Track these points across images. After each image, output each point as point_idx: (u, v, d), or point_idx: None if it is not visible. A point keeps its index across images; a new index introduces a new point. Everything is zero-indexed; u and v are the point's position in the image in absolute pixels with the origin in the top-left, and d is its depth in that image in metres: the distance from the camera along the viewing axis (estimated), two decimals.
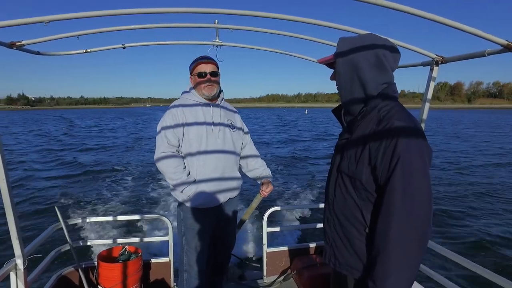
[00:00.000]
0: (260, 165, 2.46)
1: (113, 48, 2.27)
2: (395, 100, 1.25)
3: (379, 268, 1.11)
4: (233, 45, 2.44)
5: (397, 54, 1.26)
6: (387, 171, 1.11)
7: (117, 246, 2.79)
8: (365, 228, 1.23)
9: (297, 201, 7.87)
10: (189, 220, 2.23)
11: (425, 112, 2.20)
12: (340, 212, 1.31)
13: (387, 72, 1.24)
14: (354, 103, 1.27)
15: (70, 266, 2.66)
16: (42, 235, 2.24)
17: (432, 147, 1.16)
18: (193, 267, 2.28)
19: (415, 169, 1.08)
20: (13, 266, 1.79)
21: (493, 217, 7.10)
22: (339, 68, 1.28)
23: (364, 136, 1.21)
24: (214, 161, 2.21)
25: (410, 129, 1.12)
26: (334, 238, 1.35)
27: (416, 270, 1.12)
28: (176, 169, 2.14)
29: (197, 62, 2.22)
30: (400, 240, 1.07)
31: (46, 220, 6.68)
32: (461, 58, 1.85)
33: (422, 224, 1.08)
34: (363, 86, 1.23)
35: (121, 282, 2.48)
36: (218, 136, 2.23)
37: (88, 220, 2.88)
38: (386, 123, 1.14)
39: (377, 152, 1.13)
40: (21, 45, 1.65)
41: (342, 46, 1.27)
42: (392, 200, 1.09)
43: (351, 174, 1.23)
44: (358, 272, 1.27)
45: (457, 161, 13.73)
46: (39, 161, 14.08)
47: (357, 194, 1.23)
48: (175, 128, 2.16)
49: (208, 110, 2.24)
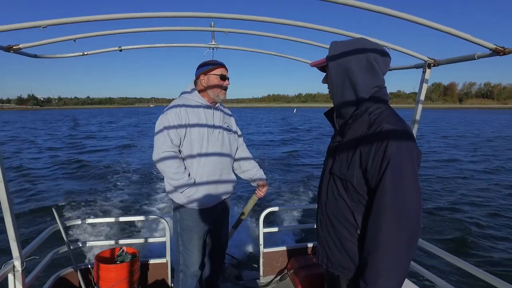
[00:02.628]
0: (253, 166, 2.49)
1: (109, 50, 2.29)
2: (385, 103, 1.27)
3: (370, 268, 1.14)
4: (229, 47, 2.47)
5: (388, 58, 1.29)
6: (377, 173, 1.14)
7: (115, 247, 2.80)
8: (357, 229, 1.25)
9: (293, 201, 7.89)
10: (186, 221, 2.26)
11: (418, 113, 2.24)
12: (332, 214, 1.34)
13: (378, 75, 1.27)
14: (346, 106, 1.29)
15: (67, 267, 2.67)
16: (39, 237, 2.25)
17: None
18: (189, 268, 2.30)
19: (405, 171, 1.11)
20: (11, 268, 1.80)
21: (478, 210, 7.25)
22: (331, 72, 1.30)
23: (355, 139, 1.23)
24: (213, 163, 2.23)
25: (400, 133, 1.15)
26: (327, 239, 1.38)
27: (406, 269, 1.14)
28: (178, 170, 2.14)
29: (218, 65, 2.22)
30: (390, 241, 1.10)
31: (43, 221, 6.66)
32: (452, 61, 1.89)
33: (411, 225, 1.11)
34: (355, 89, 1.26)
35: (118, 283, 2.49)
36: (218, 139, 2.25)
37: (86, 221, 2.88)
38: (376, 126, 1.17)
39: (368, 155, 1.16)
40: (18, 48, 1.66)
41: (334, 50, 1.29)
42: (382, 202, 1.12)
43: (342, 176, 1.26)
44: (350, 272, 1.30)
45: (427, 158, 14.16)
46: (39, 161, 14.01)
47: (348, 196, 1.26)
48: (178, 127, 2.15)
49: (209, 113, 2.25)
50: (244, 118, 51.30)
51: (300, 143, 19.84)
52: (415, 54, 1.99)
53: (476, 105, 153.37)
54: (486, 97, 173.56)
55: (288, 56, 2.59)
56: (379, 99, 1.26)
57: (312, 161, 13.82)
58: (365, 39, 1.31)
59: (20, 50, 1.69)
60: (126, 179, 10.30)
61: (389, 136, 1.13)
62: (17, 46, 1.65)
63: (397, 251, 1.10)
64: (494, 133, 26.52)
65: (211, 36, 2.36)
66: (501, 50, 1.43)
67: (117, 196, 8.44)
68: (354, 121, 1.27)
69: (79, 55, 2.21)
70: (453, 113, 76.10)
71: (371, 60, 1.24)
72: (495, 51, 1.44)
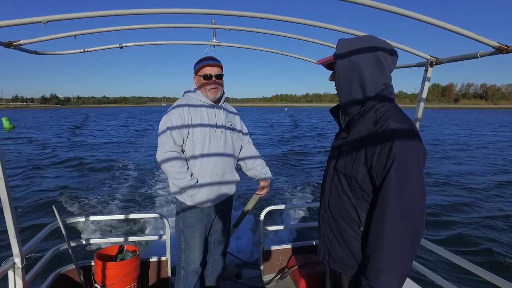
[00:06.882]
0: (259, 164, 2.49)
1: (110, 47, 2.28)
2: (391, 101, 1.27)
3: (373, 265, 1.14)
4: (230, 45, 2.46)
5: (395, 56, 1.29)
6: (382, 171, 1.13)
7: (115, 245, 2.80)
8: (360, 226, 1.25)
9: (294, 200, 7.89)
10: (188, 218, 2.26)
11: (419, 111, 2.23)
12: (335, 210, 1.33)
13: (386, 73, 1.26)
14: (353, 103, 1.29)
15: (68, 264, 2.67)
16: (40, 234, 2.25)
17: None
18: (190, 264, 2.31)
19: (410, 169, 1.10)
20: (11, 265, 1.80)
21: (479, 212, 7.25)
22: (338, 69, 1.29)
23: (361, 136, 1.23)
24: (216, 162, 2.23)
25: (406, 131, 1.15)
26: (329, 236, 1.38)
27: (409, 267, 1.14)
28: (180, 170, 2.15)
29: (203, 64, 2.21)
30: (393, 239, 1.10)
31: (44, 218, 6.66)
32: (454, 60, 1.88)
33: (415, 223, 1.10)
34: (363, 87, 1.25)
35: (118, 280, 2.49)
36: (220, 138, 2.25)
37: (86, 219, 2.88)
38: (382, 124, 1.17)
39: (373, 152, 1.16)
40: (18, 44, 1.66)
41: (342, 47, 1.28)
42: (386, 199, 1.11)
43: (347, 173, 1.26)
44: (352, 269, 1.29)
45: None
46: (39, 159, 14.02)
47: (352, 193, 1.26)
48: (181, 127, 2.15)
49: (212, 112, 2.25)
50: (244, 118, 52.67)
51: (299, 142, 19.83)
52: (417, 52, 1.97)
53: (468, 105, 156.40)
54: (482, 97, 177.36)
55: (290, 54, 2.57)
56: (386, 97, 1.26)
57: (310, 155, 13.82)
58: (373, 37, 1.30)
59: (21, 46, 1.68)
60: (127, 177, 10.31)
61: (395, 133, 1.12)
62: (18, 42, 1.65)
63: (400, 248, 1.10)
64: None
65: (212, 34, 2.35)
66: (505, 48, 1.42)
67: (118, 193, 8.44)
68: (360, 118, 1.27)
69: (80, 52, 2.20)
70: (442, 113, 76.71)
71: (380, 57, 1.24)
72: (498, 49, 1.43)
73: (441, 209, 7.31)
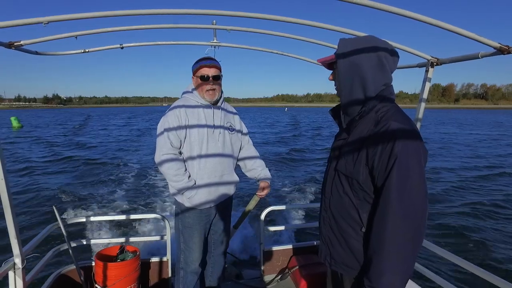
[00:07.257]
0: (258, 165, 2.47)
1: (111, 48, 2.28)
2: (392, 101, 1.27)
3: (375, 266, 1.13)
4: (231, 45, 2.46)
5: (397, 57, 1.29)
6: (384, 171, 1.13)
7: (115, 245, 2.80)
8: (361, 227, 1.25)
9: (294, 200, 7.89)
10: (187, 219, 2.25)
11: (421, 111, 2.23)
12: (336, 211, 1.33)
13: (387, 73, 1.26)
14: (354, 103, 1.28)
15: (68, 265, 2.67)
16: (40, 235, 2.25)
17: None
18: (189, 265, 2.30)
19: (411, 170, 1.10)
20: (11, 265, 1.80)
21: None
22: (339, 68, 1.29)
23: (362, 137, 1.23)
24: (214, 164, 2.22)
25: (407, 131, 1.14)
26: (330, 237, 1.37)
27: (411, 268, 1.14)
28: (178, 172, 2.14)
29: (200, 65, 2.18)
30: (395, 239, 1.10)
31: (44, 219, 6.66)
32: (455, 60, 1.87)
33: (417, 224, 1.10)
34: (364, 87, 1.25)
35: (119, 281, 2.49)
36: (218, 139, 2.24)
37: (86, 219, 2.88)
38: (384, 124, 1.16)
39: (375, 153, 1.15)
40: (19, 45, 1.66)
41: (343, 47, 1.28)
42: (388, 200, 1.11)
43: (348, 174, 1.25)
44: (354, 271, 1.29)
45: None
46: (39, 159, 14.03)
47: (354, 194, 1.25)
48: (178, 129, 2.14)
49: (210, 113, 2.23)
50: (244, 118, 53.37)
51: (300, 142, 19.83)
52: (418, 53, 1.97)
53: (468, 105, 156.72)
54: (482, 97, 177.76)
55: (290, 54, 2.57)
56: (386, 97, 1.25)
57: (311, 156, 13.81)
58: (374, 37, 1.30)
59: (22, 46, 1.68)
60: (128, 177, 10.30)
61: (396, 134, 1.12)
62: (19, 42, 1.65)
63: (402, 249, 1.10)
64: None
65: (213, 34, 2.35)
66: (506, 49, 1.41)
67: (119, 194, 8.44)
68: (360, 119, 1.27)
69: (80, 52, 2.20)
70: (437, 113, 76.76)
71: (381, 58, 1.24)
72: (499, 49, 1.43)
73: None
